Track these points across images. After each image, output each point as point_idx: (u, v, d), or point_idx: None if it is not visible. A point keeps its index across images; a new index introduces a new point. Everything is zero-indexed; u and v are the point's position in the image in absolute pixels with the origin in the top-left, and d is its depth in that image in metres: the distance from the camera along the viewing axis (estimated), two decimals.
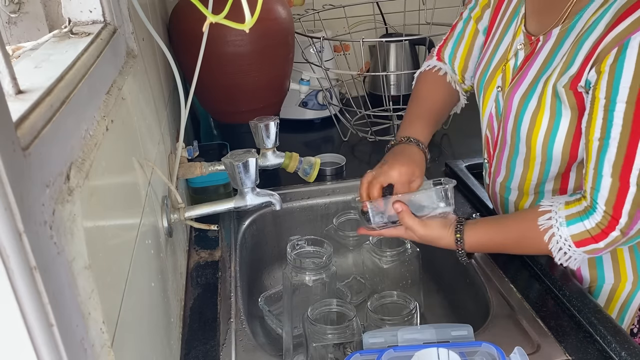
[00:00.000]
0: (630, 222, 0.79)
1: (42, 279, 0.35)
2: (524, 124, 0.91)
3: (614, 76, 0.76)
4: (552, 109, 0.86)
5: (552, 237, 0.85)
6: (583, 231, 0.82)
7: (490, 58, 1.02)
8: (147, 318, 0.68)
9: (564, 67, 0.84)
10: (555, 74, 0.85)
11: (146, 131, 0.84)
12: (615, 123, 0.77)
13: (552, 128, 0.87)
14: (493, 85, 0.99)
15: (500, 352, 0.70)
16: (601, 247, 0.82)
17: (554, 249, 0.85)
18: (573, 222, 0.83)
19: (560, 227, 0.84)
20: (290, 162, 1.04)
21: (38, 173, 0.38)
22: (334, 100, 1.63)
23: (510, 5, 1.00)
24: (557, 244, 0.85)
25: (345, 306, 0.88)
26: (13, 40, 0.76)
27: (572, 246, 0.84)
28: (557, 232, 0.84)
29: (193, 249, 1.13)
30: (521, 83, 0.91)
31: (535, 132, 0.89)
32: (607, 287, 0.96)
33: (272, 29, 1.31)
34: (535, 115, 0.88)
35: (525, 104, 0.90)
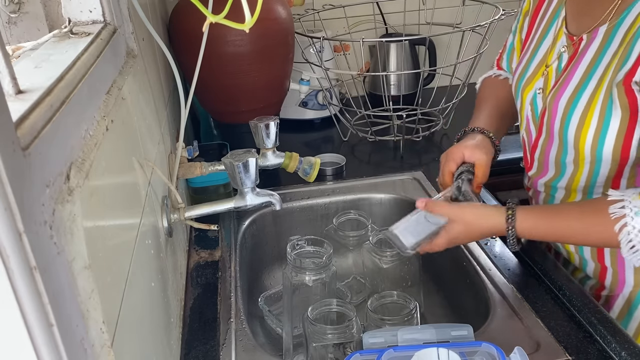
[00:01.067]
0: None
1: (42, 279, 0.35)
2: (572, 125, 0.88)
3: None
4: (602, 109, 0.84)
5: (624, 227, 0.80)
6: None
7: (528, 61, 1.00)
8: (147, 318, 0.68)
9: (619, 64, 0.82)
10: (609, 72, 0.83)
11: (146, 131, 0.84)
12: None
13: (602, 129, 0.85)
14: (530, 88, 0.97)
15: (500, 352, 0.70)
16: None
17: (623, 240, 0.80)
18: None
19: (635, 217, 0.79)
20: (290, 162, 1.04)
21: (38, 173, 0.38)
22: (334, 100, 1.63)
23: (550, 8, 0.99)
24: (628, 235, 0.79)
25: (345, 306, 0.88)
26: (13, 40, 0.76)
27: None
28: (631, 222, 0.79)
29: (193, 249, 1.13)
30: (567, 84, 0.89)
31: (584, 133, 0.87)
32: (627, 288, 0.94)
33: (272, 29, 1.31)
34: (585, 115, 0.86)
35: (574, 104, 0.87)
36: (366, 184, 1.32)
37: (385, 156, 1.50)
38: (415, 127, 1.54)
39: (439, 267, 1.19)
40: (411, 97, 1.71)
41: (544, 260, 0.99)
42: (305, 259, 1.00)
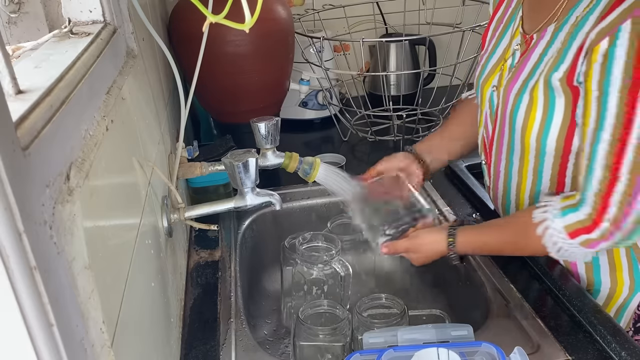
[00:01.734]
0: (619, 213, 0.79)
1: (42, 279, 0.35)
2: (519, 119, 0.91)
3: (605, 66, 0.75)
4: (545, 101, 0.87)
5: (547, 230, 0.85)
6: (575, 222, 0.82)
7: (487, 59, 1.03)
8: (147, 318, 0.68)
9: (556, 60, 0.84)
10: (547, 68, 0.86)
11: (146, 131, 0.84)
12: (608, 114, 0.77)
13: (546, 120, 0.87)
14: (488, 85, 1.00)
15: (500, 352, 0.70)
16: (594, 237, 0.82)
17: (547, 242, 0.85)
18: (566, 213, 0.83)
19: (554, 219, 0.84)
20: (290, 162, 1.04)
21: (38, 173, 0.38)
22: (334, 100, 1.63)
23: (509, 8, 1.01)
24: (552, 238, 0.84)
25: (336, 307, 0.89)
26: (13, 40, 0.76)
27: (567, 238, 0.83)
28: (552, 225, 0.84)
29: (193, 249, 1.13)
30: (516, 80, 0.92)
31: (530, 125, 0.89)
32: (604, 291, 0.96)
33: (272, 29, 1.31)
34: (530, 108, 0.89)
35: (520, 98, 0.90)
36: None
37: (385, 156, 1.49)
38: (415, 127, 1.54)
39: (439, 267, 1.19)
40: (411, 97, 1.71)
41: (544, 260, 0.99)
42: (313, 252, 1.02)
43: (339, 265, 1.02)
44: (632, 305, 0.96)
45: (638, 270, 0.93)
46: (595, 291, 0.97)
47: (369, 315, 0.88)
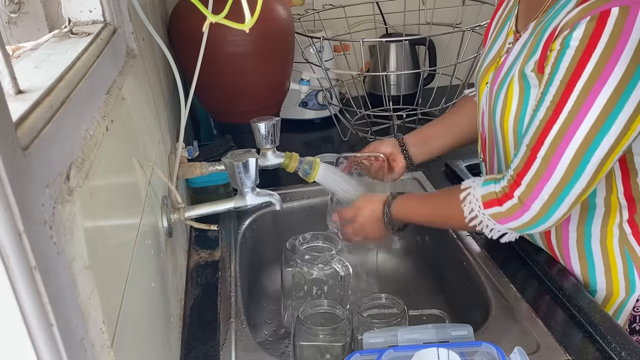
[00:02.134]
0: (529, 192, 0.82)
1: (42, 279, 0.35)
2: (497, 111, 0.93)
3: (559, 55, 0.78)
4: (520, 92, 0.89)
5: (467, 197, 0.89)
6: (492, 192, 0.86)
7: (484, 58, 1.04)
8: (147, 318, 0.68)
9: (528, 53, 0.87)
10: (522, 60, 0.88)
11: (146, 131, 0.84)
12: (546, 98, 0.80)
13: (521, 112, 0.89)
14: (484, 83, 1.01)
15: (500, 352, 0.70)
16: (502, 211, 0.85)
17: (466, 208, 0.89)
18: (487, 184, 0.88)
19: (476, 187, 0.89)
20: (290, 162, 1.04)
21: (38, 173, 0.38)
22: (334, 100, 1.63)
23: (507, 8, 1.03)
24: (470, 205, 0.89)
25: (336, 307, 0.89)
26: (13, 40, 0.76)
27: (481, 207, 0.87)
28: (472, 192, 0.89)
29: (193, 249, 1.13)
30: (499, 74, 0.94)
31: (506, 117, 0.91)
32: (600, 293, 0.96)
33: (272, 29, 1.31)
34: (506, 101, 0.91)
35: (498, 93, 0.92)
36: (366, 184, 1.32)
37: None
38: (415, 127, 1.54)
39: (439, 267, 1.19)
40: (411, 97, 1.71)
41: (544, 260, 0.99)
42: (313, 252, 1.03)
43: (339, 265, 1.02)
44: (628, 307, 0.96)
45: (633, 271, 0.93)
46: (591, 291, 0.97)
47: (369, 315, 0.88)
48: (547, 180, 0.80)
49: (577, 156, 0.78)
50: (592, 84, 0.75)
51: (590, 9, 0.75)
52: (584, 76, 0.76)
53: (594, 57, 0.75)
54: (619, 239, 0.92)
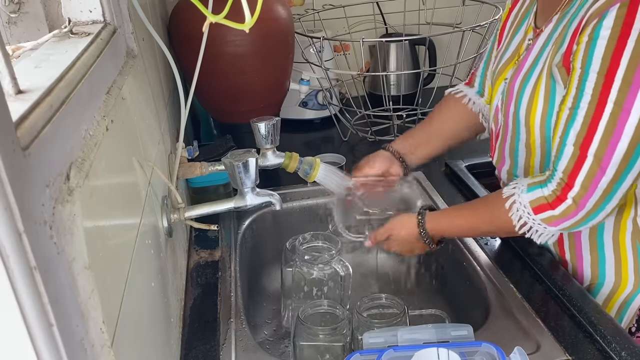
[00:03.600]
0: (583, 192, 0.80)
1: (42, 279, 0.35)
2: (522, 107, 0.92)
3: (589, 47, 0.77)
4: (546, 89, 0.87)
5: (513, 205, 0.87)
6: (540, 197, 0.84)
7: (501, 55, 1.03)
8: (147, 318, 0.68)
9: (556, 47, 0.85)
10: (549, 56, 0.87)
11: (146, 131, 0.84)
12: (585, 93, 0.78)
13: (548, 108, 0.88)
14: (501, 79, 1.00)
15: (500, 352, 0.70)
16: (556, 214, 0.83)
17: (514, 216, 0.87)
18: (533, 189, 0.85)
19: (521, 194, 0.86)
20: (290, 162, 1.04)
21: (38, 173, 0.38)
22: (334, 100, 1.63)
23: (524, 6, 1.02)
24: (517, 212, 0.86)
25: (336, 307, 0.89)
26: (13, 40, 0.76)
27: (531, 213, 0.85)
28: (518, 199, 0.86)
29: (193, 249, 1.13)
30: (521, 70, 0.92)
31: (533, 113, 0.90)
32: (607, 286, 0.96)
33: (272, 29, 1.31)
34: (533, 96, 0.89)
35: (523, 87, 0.91)
36: None
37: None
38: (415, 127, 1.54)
39: (439, 267, 1.19)
40: (411, 97, 1.71)
41: (544, 260, 0.99)
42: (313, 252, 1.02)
43: (339, 266, 1.02)
44: (636, 302, 0.96)
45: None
46: (598, 285, 0.97)
47: (369, 315, 0.88)
48: (601, 178, 0.79)
49: (630, 149, 0.77)
50: (633, 71, 0.74)
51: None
52: (623, 64, 0.74)
53: (630, 43, 0.73)
54: (632, 233, 0.92)
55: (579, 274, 0.99)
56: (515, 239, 1.05)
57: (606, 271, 0.96)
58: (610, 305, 0.97)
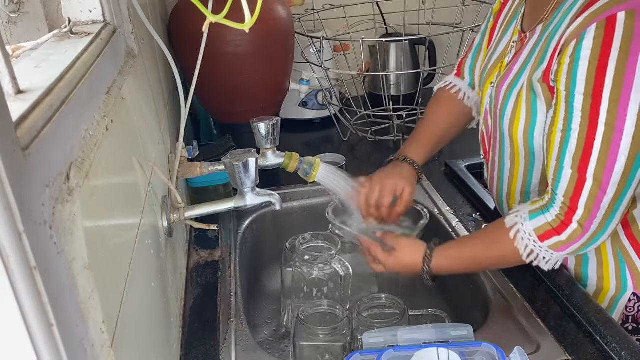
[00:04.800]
0: (587, 214, 0.79)
1: (42, 279, 0.35)
2: (506, 118, 0.92)
3: (572, 68, 0.77)
4: (527, 103, 0.87)
5: (517, 234, 0.85)
6: (544, 223, 0.82)
7: (490, 56, 1.03)
8: (147, 318, 0.68)
9: (537, 62, 0.85)
10: (532, 69, 0.87)
11: (146, 131, 0.84)
12: (575, 115, 0.78)
13: (530, 122, 0.88)
14: (489, 82, 1.00)
15: (500, 352, 0.70)
16: (563, 239, 0.82)
17: (520, 246, 0.84)
18: (535, 216, 0.83)
19: (524, 223, 0.84)
20: (290, 162, 1.04)
21: (38, 173, 0.38)
22: (334, 100, 1.63)
23: (513, 6, 1.02)
24: (523, 241, 0.84)
25: (336, 307, 0.89)
26: (13, 40, 0.76)
27: (537, 241, 0.83)
28: (522, 228, 0.84)
29: (193, 249, 1.13)
30: (507, 78, 0.93)
31: (516, 125, 0.90)
32: (591, 287, 0.96)
33: (272, 29, 1.31)
34: (515, 109, 0.90)
35: (507, 97, 0.91)
36: None
37: (385, 156, 1.49)
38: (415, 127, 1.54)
39: None
40: (411, 97, 1.71)
41: None
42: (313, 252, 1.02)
43: (339, 265, 1.02)
44: (620, 306, 0.96)
45: (625, 270, 0.93)
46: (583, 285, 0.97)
47: (369, 315, 0.88)
48: (603, 198, 0.78)
49: (627, 167, 0.76)
50: (619, 90, 0.74)
51: (594, 16, 0.74)
52: (608, 84, 0.74)
53: (611, 63, 0.73)
54: (612, 240, 0.92)
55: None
56: None
57: (589, 273, 0.96)
58: None
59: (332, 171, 1.04)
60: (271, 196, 0.96)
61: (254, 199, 0.94)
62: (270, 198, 0.96)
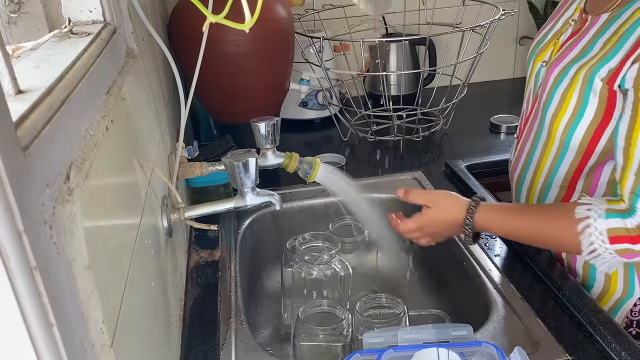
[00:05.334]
0: None
1: (42, 279, 0.35)
2: (552, 105, 0.89)
3: None
4: (580, 95, 0.84)
5: (587, 228, 0.80)
6: (622, 227, 0.78)
7: (547, 31, 1.00)
8: (147, 318, 0.68)
9: (602, 57, 0.82)
10: (592, 62, 0.83)
11: (146, 131, 0.84)
12: None
13: (577, 114, 0.85)
14: (540, 59, 0.97)
15: (500, 352, 0.70)
16: (636, 249, 0.78)
17: (584, 241, 0.80)
18: (613, 216, 0.79)
19: (598, 219, 0.79)
20: (290, 162, 1.04)
21: (38, 173, 0.38)
22: (334, 100, 1.63)
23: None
24: (590, 237, 0.79)
25: (336, 307, 0.89)
26: (13, 40, 0.76)
27: (606, 241, 0.78)
28: (594, 224, 0.79)
29: (193, 249, 1.13)
30: (561, 61, 0.89)
31: (560, 116, 0.88)
32: (597, 288, 0.96)
33: (272, 29, 1.31)
34: (564, 98, 0.87)
35: (558, 83, 0.88)
36: (366, 184, 1.32)
37: (385, 156, 1.50)
38: (415, 127, 1.55)
39: (439, 267, 1.19)
40: (411, 97, 1.71)
41: (544, 260, 0.99)
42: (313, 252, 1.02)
43: (339, 266, 1.02)
44: (625, 309, 0.96)
45: (634, 275, 0.93)
46: (589, 285, 0.97)
47: (369, 315, 0.88)
48: None
49: None
50: None
51: None
52: None
53: None
54: None
55: (572, 272, 1.00)
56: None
57: (597, 276, 0.96)
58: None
59: (332, 171, 1.04)
60: (271, 196, 0.96)
61: (254, 199, 0.94)
62: (270, 198, 0.96)
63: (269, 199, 0.96)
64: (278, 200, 0.97)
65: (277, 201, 0.97)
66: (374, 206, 1.15)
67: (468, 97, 1.56)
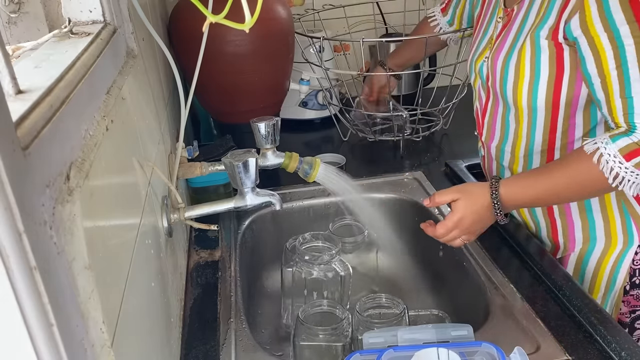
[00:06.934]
0: None
1: (42, 279, 0.35)
2: (509, 81, 0.95)
3: (602, 5, 0.79)
4: (532, 59, 0.90)
5: (601, 157, 0.82)
6: (630, 143, 0.81)
7: (480, 40, 1.07)
8: (147, 318, 0.68)
9: (540, 21, 0.88)
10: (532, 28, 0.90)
11: (146, 131, 0.84)
12: (626, 45, 0.79)
13: (534, 77, 0.91)
14: (481, 59, 1.04)
15: (500, 352, 0.70)
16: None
17: (605, 169, 0.82)
18: (618, 138, 0.82)
19: (606, 146, 0.82)
20: (290, 162, 1.04)
21: (38, 173, 0.38)
22: (334, 100, 1.63)
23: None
24: (608, 164, 0.82)
25: (336, 307, 0.89)
26: (13, 40, 0.76)
27: (623, 161, 0.81)
28: (605, 151, 0.82)
29: (193, 249, 1.13)
30: (503, 45, 0.96)
31: (520, 84, 0.93)
32: (599, 248, 1.00)
33: (272, 29, 1.31)
34: (518, 69, 0.92)
35: (507, 61, 0.94)
36: (366, 184, 1.32)
37: (385, 156, 1.50)
38: (415, 127, 1.54)
39: (439, 267, 1.19)
40: (411, 97, 1.71)
41: (545, 260, 0.99)
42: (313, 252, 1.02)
43: (339, 266, 1.02)
44: (627, 260, 0.99)
45: (631, 224, 0.97)
46: (590, 247, 1.01)
47: (369, 315, 0.88)
48: None
49: None
50: None
51: None
52: None
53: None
54: (616, 194, 0.95)
55: (570, 239, 1.03)
56: (516, 237, 1.05)
57: (597, 233, 0.99)
58: (603, 266, 1.00)
59: (332, 171, 1.04)
60: (271, 196, 0.96)
61: (254, 199, 0.94)
62: (270, 198, 0.96)
63: (269, 199, 0.96)
64: (278, 200, 0.97)
65: (277, 201, 0.97)
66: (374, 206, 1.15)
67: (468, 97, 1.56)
